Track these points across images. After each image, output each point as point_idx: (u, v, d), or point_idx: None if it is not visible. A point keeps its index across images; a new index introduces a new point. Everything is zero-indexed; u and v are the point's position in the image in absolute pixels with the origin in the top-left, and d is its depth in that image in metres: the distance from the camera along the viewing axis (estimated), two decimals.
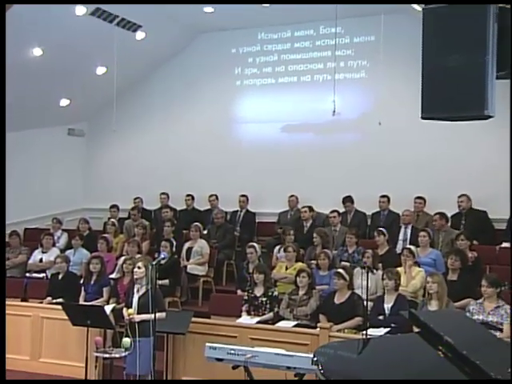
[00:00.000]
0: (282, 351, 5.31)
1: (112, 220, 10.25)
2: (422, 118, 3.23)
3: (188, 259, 9.04)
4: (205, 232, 9.78)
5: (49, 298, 8.04)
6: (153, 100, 11.61)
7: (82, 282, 8.12)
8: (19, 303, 7.99)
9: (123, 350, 5.87)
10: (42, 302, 7.98)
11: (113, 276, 8.42)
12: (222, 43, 11.12)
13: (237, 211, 10.58)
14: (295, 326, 6.80)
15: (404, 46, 9.21)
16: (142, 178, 11.40)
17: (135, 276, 6.31)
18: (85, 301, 7.76)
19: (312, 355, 3.37)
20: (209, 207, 10.74)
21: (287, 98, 10.75)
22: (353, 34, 10.30)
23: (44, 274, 8.92)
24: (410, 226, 8.88)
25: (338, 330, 6.55)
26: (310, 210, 9.65)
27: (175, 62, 11.50)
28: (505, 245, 8.29)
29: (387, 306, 6.72)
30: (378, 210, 9.67)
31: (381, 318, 6.66)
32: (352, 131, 10.39)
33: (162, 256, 6.53)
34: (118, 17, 9.33)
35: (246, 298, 7.38)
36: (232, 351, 5.31)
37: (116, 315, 7.01)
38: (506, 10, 3.04)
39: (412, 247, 7.69)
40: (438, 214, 8.63)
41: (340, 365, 3.21)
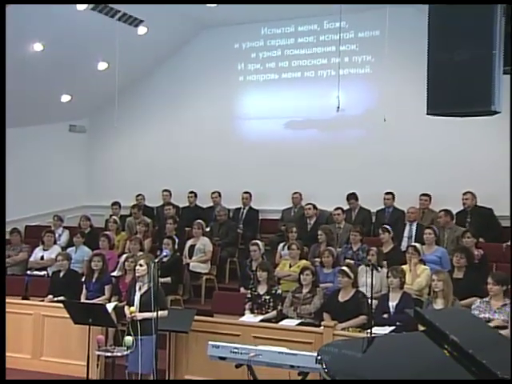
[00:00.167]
0: (286, 350, 5.27)
1: (114, 217, 10.19)
2: (428, 113, 3.18)
3: (190, 257, 8.99)
4: (207, 229, 9.72)
5: (50, 296, 8.00)
6: (155, 96, 11.52)
7: (83, 279, 8.10)
8: (20, 301, 7.96)
9: (125, 348, 5.85)
10: (43, 300, 7.94)
11: (114, 274, 8.41)
12: (224, 38, 11.02)
13: (240, 208, 10.51)
14: (299, 324, 6.76)
15: (409, 40, 9.08)
16: (144, 175, 11.32)
17: (137, 274, 6.27)
18: (86, 299, 7.73)
19: (316, 354, 3.33)
20: (211, 204, 10.67)
21: (291, 94, 10.65)
22: (357, 29, 10.20)
23: (45, 272, 8.90)
24: (415, 224, 8.80)
25: (343, 329, 6.50)
26: (314, 208, 9.58)
27: (177, 57, 11.41)
28: None
29: (392, 304, 6.67)
30: (383, 207, 9.60)
31: (385, 316, 6.61)
32: (356, 127, 10.31)
33: (164, 254, 6.53)
34: (119, 11, 9.28)
35: (249, 296, 7.34)
36: (235, 350, 5.27)
37: (118, 313, 6.98)
38: None
39: (417, 245, 7.61)
40: (442, 210, 8.58)
41: (344, 364, 3.17)
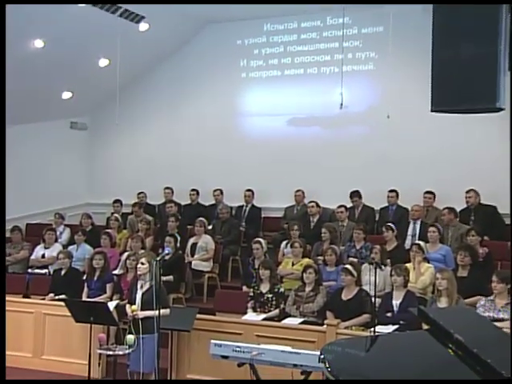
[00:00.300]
0: (289, 348, 5.24)
1: (115, 215, 10.15)
2: (432, 110, 3.15)
3: (192, 255, 8.95)
4: (210, 227, 9.69)
5: (51, 295, 7.98)
6: (156, 93, 11.47)
7: (84, 278, 8.09)
8: (21, 299, 7.95)
9: (127, 347, 5.82)
10: (44, 299, 7.93)
11: (116, 272, 8.40)
12: (226, 34, 10.96)
13: (242, 206, 10.46)
14: (302, 322, 6.74)
15: (413, 36, 8.99)
16: (145, 173, 11.28)
17: (139, 272, 6.22)
18: (88, 297, 7.72)
19: (319, 353, 3.31)
20: (213, 202, 10.62)
21: (293, 91, 10.59)
22: (361, 25, 10.14)
23: (46, 270, 8.87)
24: (419, 222, 8.76)
25: (346, 327, 6.49)
26: (317, 206, 9.52)
27: (179, 53, 11.35)
28: None
29: (396, 302, 6.64)
30: (387, 204, 9.54)
31: (389, 315, 6.59)
32: (360, 124, 10.25)
33: (166, 252, 6.51)
34: (120, 8, 9.22)
35: (251, 294, 7.30)
36: (237, 348, 5.24)
37: (119, 312, 6.94)
38: None
39: (421, 243, 7.58)
40: (446, 208, 8.55)
41: (347, 363, 3.15)
